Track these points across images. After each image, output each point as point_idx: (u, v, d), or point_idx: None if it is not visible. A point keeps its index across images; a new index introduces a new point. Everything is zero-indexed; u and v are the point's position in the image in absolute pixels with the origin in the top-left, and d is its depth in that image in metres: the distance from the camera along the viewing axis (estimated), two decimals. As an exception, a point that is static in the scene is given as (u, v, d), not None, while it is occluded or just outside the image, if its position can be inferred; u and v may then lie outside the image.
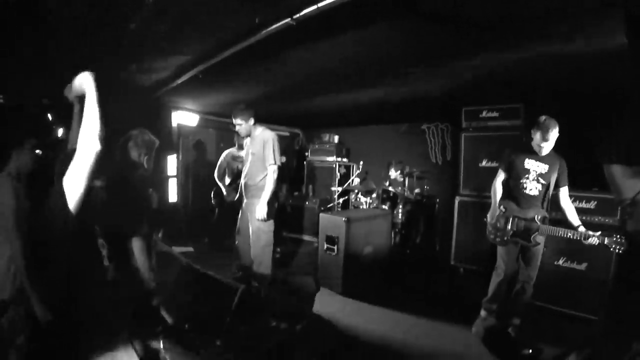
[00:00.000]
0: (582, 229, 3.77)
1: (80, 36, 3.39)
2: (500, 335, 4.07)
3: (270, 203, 4.70)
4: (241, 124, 4.84)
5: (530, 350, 3.79)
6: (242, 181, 5.06)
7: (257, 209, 4.67)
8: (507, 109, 5.78)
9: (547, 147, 3.90)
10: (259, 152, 4.80)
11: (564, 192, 4.04)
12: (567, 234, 3.75)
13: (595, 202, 4.58)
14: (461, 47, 3.85)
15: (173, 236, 6.59)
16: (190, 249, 6.71)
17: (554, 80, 4.91)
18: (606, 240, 3.53)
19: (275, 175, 4.72)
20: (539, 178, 4.02)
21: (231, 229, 5.18)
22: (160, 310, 2.99)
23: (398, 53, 4.07)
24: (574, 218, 3.93)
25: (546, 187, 4.03)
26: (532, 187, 4.03)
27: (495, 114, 5.90)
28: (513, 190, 4.13)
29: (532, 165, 4.03)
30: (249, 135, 4.96)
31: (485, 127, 5.98)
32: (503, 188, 4.23)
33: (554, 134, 3.81)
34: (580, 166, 4.35)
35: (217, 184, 6.79)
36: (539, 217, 3.95)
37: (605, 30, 3.21)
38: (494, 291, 4.27)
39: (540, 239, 3.98)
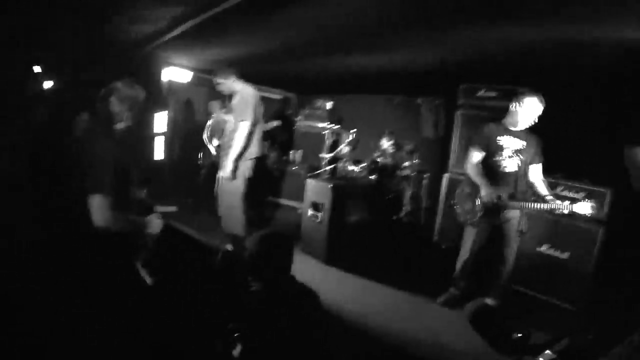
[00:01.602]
0: (550, 198, 3.73)
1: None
2: (484, 316, 4.06)
3: (237, 161, 4.62)
4: (222, 83, 4.72)
5: (520, 335, 3.68)
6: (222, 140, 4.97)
7: (223, 166, 4.63)
8: (507, 90, 5.40)
9: (526, 123, 3.82)
10: (237, 108, 4.68)
11: (536, 168, 3.96)
12: (534, 206, 3.74)
13: (585, 193, 4.50)
14: (467, 17, 3.69)
15: (157, 195, 6.52)
16: (174, 208, 6.64)
17: (561, 65, 4.81)
18: (574, 208, 3.50)
19: (245, 132, 4.56)
20: (516, 154, 3.90)
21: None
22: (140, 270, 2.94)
23: (399, 17, 3.90)
24: (544, 190, 3.88)
25: (524, 164, 3.92)
26: (507, 164, 3.91)
27: (493, 94, 5.64)
28: (487, 169, 3.96)
29: (507, 142, 3.90)
30: (232, 93, 4.81)
31: (482, 106, 5.72)
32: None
33: (539, 109, 3.73)
34: (575, 156, 4.41)
35: (205, 144, 6.70)
36: (506, 195, 3.83)
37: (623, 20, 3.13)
38: (460, 269, 4.30)
39: (511, 215, 3.91)
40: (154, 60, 6.87)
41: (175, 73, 7.44)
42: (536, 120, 3.82)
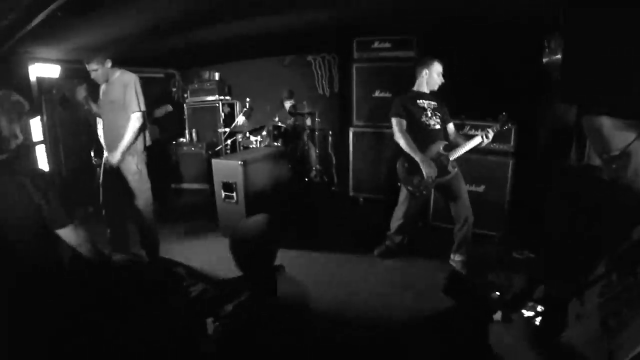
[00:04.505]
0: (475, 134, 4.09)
1: None
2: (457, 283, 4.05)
3: (138, 154, 4.27)
4: (97, 69, 4.10)
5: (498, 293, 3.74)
6: (103, 134, 4.52)
7: (113, 156, 4.15)
8: (400, 40, 5.80)
9: (436, 85, 4.13)
10: (119, 98, 4.17)
11: (450, 127, 4.26)
12: (469, 144, 3.99)
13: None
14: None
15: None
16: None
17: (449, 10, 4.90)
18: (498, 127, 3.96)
19: (139, 124, 4.15)
20: (436, 112, 4.14)
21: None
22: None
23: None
24: (463, 140, 4.13)
25: (443, 121, 4.18)
26: (433, 122, 4.10)
27: (387, 45, 5.89)
28: (416, 132, 4.06)
29: (425, 103, 4.13)
30: (106, 81, 4.26)
31: (378, 57, 5.98)
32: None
33: (441, 71, 4.10)
34: (471, 97, 4.81)
35: (95, 140, 6.12)
36: (442, 147, 4.04)
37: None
38: (396, 229, 4.47)
39: (454, 164, 4.05)
40: (17, 57, 5.99)
41: (43, 68, 6.57)
42: (442, 80, 4.13)
